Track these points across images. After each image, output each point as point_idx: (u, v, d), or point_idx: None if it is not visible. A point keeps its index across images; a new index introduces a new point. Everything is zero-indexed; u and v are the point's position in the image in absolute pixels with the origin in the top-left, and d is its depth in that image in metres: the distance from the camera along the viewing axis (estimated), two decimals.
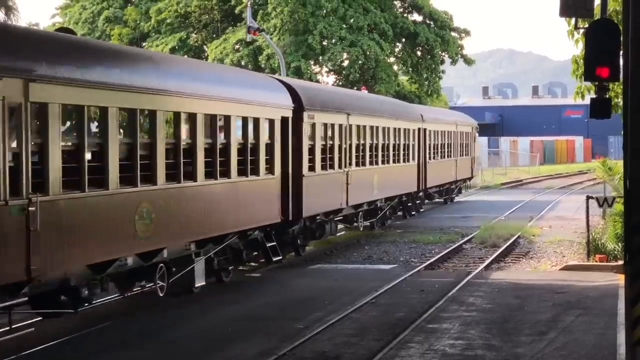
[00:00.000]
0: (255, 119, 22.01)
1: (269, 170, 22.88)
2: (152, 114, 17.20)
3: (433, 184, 43.36)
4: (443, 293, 20.86)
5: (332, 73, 64.37)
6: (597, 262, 25.41)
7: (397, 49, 67.08)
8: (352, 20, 60.93)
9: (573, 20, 18.87)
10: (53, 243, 14.27)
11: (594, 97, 14.48)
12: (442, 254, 28.41)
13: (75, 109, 15.09)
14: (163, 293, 18.70)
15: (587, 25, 14.40)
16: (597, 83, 14.00)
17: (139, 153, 16.72)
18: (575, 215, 37.48)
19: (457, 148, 48.37)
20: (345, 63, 61.83)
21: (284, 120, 23.97)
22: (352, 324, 17.57)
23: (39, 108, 14.02)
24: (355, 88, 55.94)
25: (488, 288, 21.81)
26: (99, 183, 15.57)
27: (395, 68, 66.92)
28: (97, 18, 69.37)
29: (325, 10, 60.75)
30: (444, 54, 67.03)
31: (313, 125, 25.93)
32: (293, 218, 24.69)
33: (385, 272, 24.92)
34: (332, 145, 27.74)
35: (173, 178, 17.98)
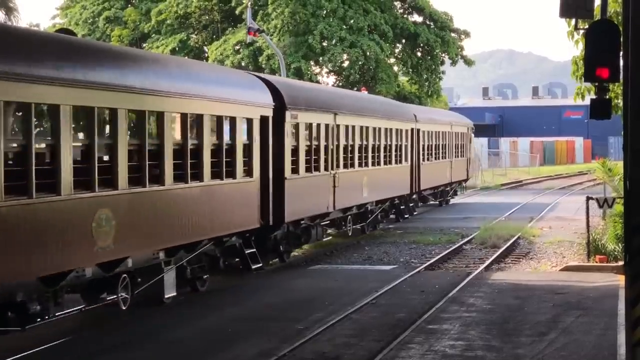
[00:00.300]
0: (232, 118, 20.88)
1: (247, 173, 21.82)
2: (112, 113, 16.02)
3: (427, 186, 42.30)
4: (443, 294, 20.87)
5: (332, 74, 64.38)
6: (597, 262, 25.41)
7: (397, 50, 67.07)
8: (352, 21, 60.95)
9: (573, 21, 18.88)
10: None
11: (594, 97, 14.50)
12: (442, 255, 28.41)
13: (21, 107, 13.82)
14: (126, 306, 17.43)
15: (587, 26, 14.41)
16: (597, 84, 14.02)
17: (97, 155, 15.52)
18: (576, 216, 37.46)
19: (452, 149, 47.32)
20: (346, 64, 61.82)
21: (264, 120, 22.88)
22: (352, 325, 17.57)
23: None
24: (356, 89, 55.89)
25: (488, 289, 21.82)
26: (50, 188, 14.34)
27: (396, 69, 66.90)
28: (97, 18, 69.33)
29: (326, 11, 60.76)
30: (444, 55, 67.00)
31: (296, 125, 24.94)
32: (274, 223, 23.55)
33: (386, 272, 24.92)
34: (317, 147, 26.66)
35: (138, 182, 16.83)
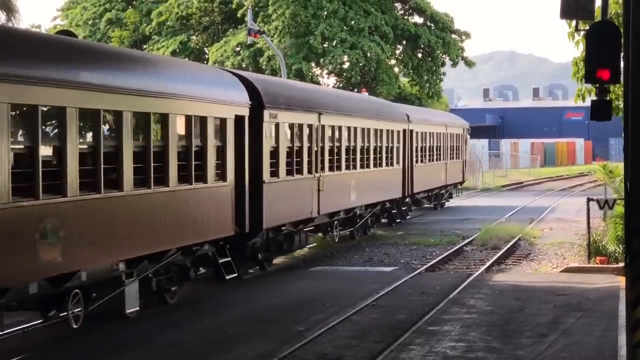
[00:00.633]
0: (202, 118, 19.41)
1: (220, 177, 20.29)
2: (60, 112, 14.63)
3: (421, 189, 41.14)
4: (444, 295, 20.86)
5: (333, 75, 64.39)
6: (597, 264, 25.40)
7: (398, 51, 67.08)
8: (352, 22, 60.95)
9: (574, 22, 18.87)
10: None
11: (595, 99, 14.50)
12: (442, 256, 28.39)
13: None
14: (78, 324, 15.87)
15: (587, 27, 14.41)
16: (597, 85, 14.03)
17: (42, 159, 14.02)
18: (576, 218, 37.44)
19: (447, 151, 46.11)
20: (347, 65, 61.81)
21: (240, 120, 21.33)
22: (352, 326, 17.55)
23: None
24: (356, 90, 55.89)
25: (489, 290, 21.81)
26: None
27: (396, 70, 66.90)
28: (98, 20, 69.33)
29: (327, 12, 60.75)
30: (445, 56, 67.01)
31: (276, 126, 23.44)
32: (251, 230, 22.03)
33: (386, 274, 24.91)
34: (300, 148, 25.07)
35: (92, 187, 15.43)
